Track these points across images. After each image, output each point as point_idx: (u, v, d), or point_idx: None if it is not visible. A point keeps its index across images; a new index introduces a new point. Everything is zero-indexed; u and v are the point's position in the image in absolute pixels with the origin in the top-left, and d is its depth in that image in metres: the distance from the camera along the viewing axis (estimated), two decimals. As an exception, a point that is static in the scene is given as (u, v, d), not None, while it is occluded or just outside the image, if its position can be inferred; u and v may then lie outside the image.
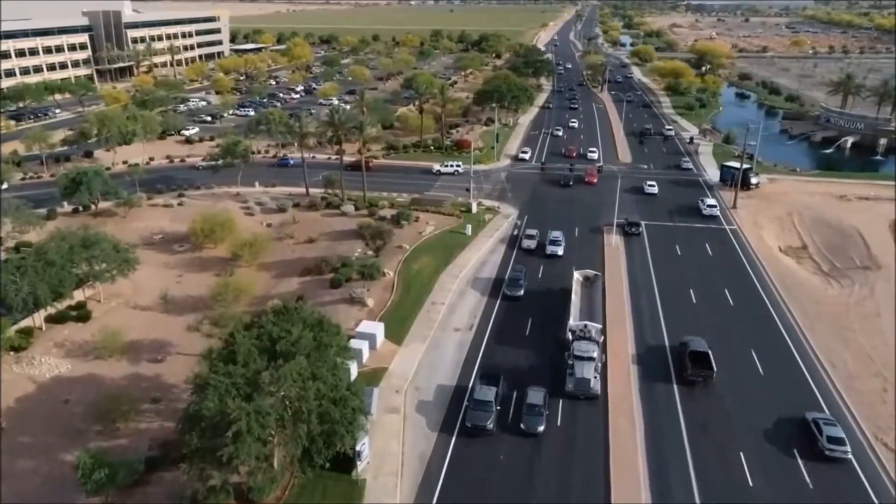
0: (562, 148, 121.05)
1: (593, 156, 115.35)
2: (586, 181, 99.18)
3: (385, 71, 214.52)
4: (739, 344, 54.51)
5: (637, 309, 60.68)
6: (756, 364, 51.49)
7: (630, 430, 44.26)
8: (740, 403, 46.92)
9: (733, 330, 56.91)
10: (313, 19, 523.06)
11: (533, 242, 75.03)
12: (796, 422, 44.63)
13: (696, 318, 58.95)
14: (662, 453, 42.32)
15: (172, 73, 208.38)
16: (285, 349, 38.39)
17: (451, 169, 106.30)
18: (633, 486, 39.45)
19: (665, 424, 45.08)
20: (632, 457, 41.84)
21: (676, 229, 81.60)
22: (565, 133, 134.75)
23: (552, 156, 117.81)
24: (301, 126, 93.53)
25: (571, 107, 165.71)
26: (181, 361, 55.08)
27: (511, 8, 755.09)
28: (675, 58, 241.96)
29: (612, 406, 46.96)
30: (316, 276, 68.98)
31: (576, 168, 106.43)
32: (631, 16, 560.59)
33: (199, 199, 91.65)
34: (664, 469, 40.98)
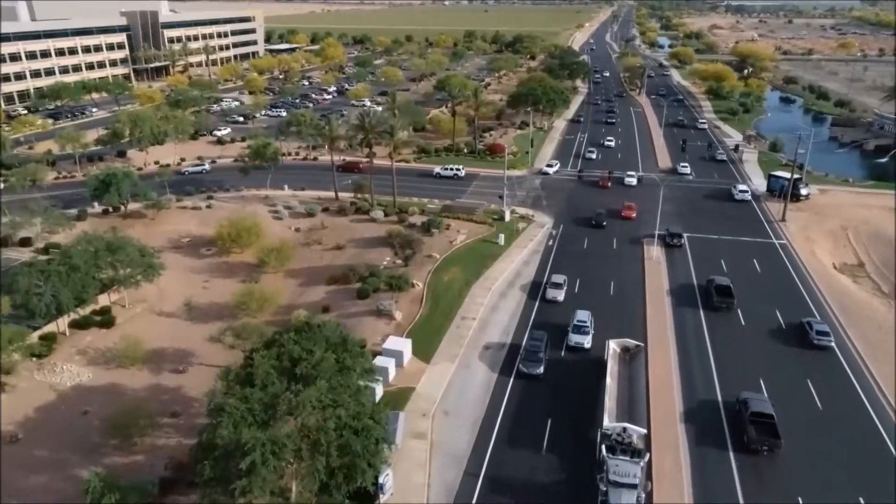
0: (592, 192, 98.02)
1: (631, 180, 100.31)
2: (623, 216, 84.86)
3: (418, 72, 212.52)
4: (794, 376, 50.45)
5: (681, 335, 56.80)
6: (815, 399, 47.40)
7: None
8: (805, 459, 42.88)
9: (787, 359, 52.78)
10: (347, 19, 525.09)
11: (560, 293, 62.21)
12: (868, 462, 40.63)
13: (745, 344, 54.96)
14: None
15: (207, 72, 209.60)
16: (306, 372, 36.03)
17: (450, 172, 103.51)
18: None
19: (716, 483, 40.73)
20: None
21: (721, 242, 77.32)
22: (599, 155, 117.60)
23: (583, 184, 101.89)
24: (331, 129, 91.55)
25: (608, 121, 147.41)
26: (203, 373, 53.40)
27: (546, 8, 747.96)
28: (716, 60, 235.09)
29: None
30: (343, 285, 66.86)
31: (608, 194, 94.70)
32: (669, 17, 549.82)
33: (227, 202, 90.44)
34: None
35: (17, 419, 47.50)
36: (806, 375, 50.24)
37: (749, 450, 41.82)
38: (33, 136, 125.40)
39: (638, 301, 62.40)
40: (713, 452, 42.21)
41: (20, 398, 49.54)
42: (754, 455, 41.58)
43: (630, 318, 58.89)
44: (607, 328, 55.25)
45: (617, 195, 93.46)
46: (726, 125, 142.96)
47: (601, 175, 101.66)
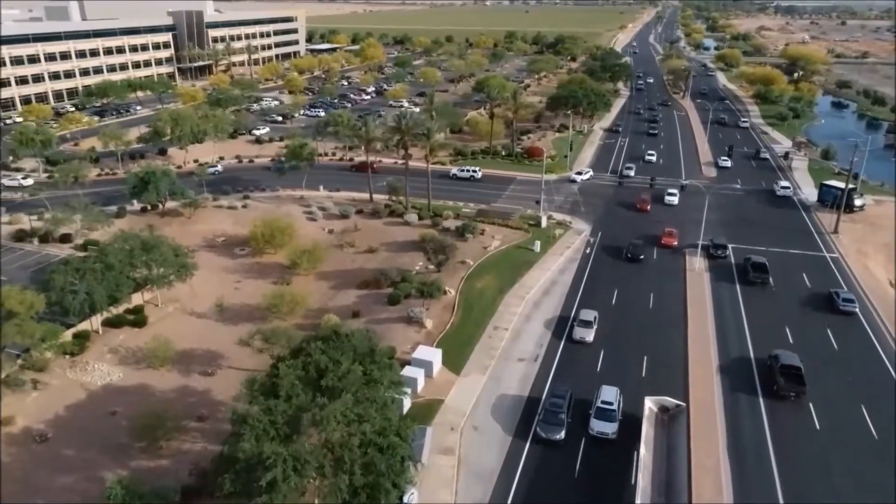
0: (632, 199, 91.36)
1: (672, 199, 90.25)
2: (663, 243, 75.14)
3: (456, 73, 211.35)
4: (848, 401, 47.39)
5: (724, 353, 54.08)
6: (870, 430, 44.33)
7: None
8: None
9: (839, 383, 49.65)
10: (388, 20, 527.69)
11: (589, 334, 54.66)
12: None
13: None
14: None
15: (249, 72, 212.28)
16: (332, 384, 34.95)
17: (466, 174, 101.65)
18: None
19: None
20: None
21: (768, 255, 73.70)
22: (639, 172, 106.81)
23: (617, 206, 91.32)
24: (367, 131, 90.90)
25: (650, 132, 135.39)
26: (231, 376, 53.00)
27: (588, 9, 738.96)
28: (764, 63, 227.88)
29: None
30: (374, 289, 65.86)
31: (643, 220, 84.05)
32: (715, 18, 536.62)
33: (263, 202, 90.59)
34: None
35: (48, 417, 47.72)
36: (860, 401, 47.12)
37: (778, 396, 47.75)
38: (79, 132, 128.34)
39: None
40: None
41: (52, 396, 49.85)
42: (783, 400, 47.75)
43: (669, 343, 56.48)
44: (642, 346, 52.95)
45: (656, 216, 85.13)
46: (775, 131, 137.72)
47: (638, 197, 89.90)
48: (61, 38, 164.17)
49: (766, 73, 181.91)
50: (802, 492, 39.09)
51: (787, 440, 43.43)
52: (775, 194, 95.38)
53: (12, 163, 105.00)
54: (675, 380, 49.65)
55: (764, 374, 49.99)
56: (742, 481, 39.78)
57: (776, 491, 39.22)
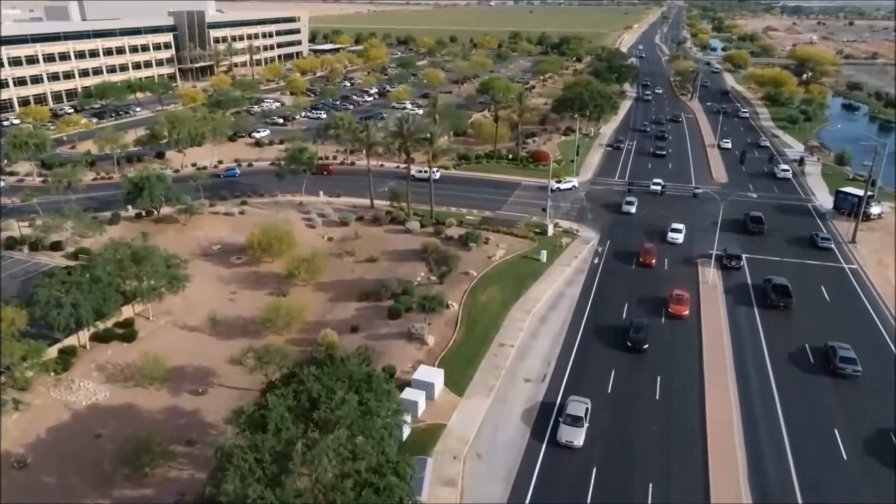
0: (634, 242, 75.93)
1: (677, 237, 76.76)
2: (671, 311, 59.14)
3: (460, 74, 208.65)
4: (876, 427, 44.65)
5: (742, 373, 51.29)
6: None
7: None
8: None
9: (866, 407, 46.95)
10: (392, 20, 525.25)
11: (578, 436, 42.61)
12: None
13: (817, 387, 49.25)
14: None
15: (250, 72, 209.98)
16: (325, 416, 32.39)
17: (425, 174, 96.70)
18: None
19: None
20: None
21: (784, 265, 71.05)
22: (641, 207, 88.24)
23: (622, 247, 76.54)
24: (368, 135, 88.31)
25: (657, 152, 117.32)
26: (223, 395, 50.66)
27: (593, 9, 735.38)
28: (772, 64, 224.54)
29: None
30: (374, 301, 63.32)
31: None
32: (721, 18, 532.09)
33: (261, 208, 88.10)
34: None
35: (29, 441, 45.30)
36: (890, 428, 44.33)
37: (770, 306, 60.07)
38: (76, 135, 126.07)
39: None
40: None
41: (34, 417, 47.40)
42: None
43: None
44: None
45: (661, 272, 69.17)
46: (786, 134, 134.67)
47: (642, 247, 73.00)
48: (60, 38, 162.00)
49: (776, 75, 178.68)
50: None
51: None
52: (776, 177, 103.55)
53: (6, 167, 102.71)
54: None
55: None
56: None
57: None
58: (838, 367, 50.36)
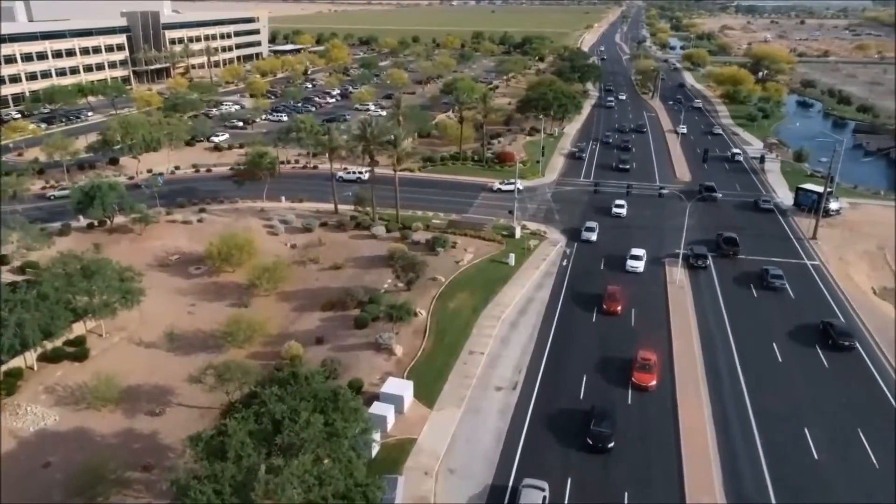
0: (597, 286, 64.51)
1: (637, 265, 68.92)
2: (634, 382, 48.70)
3: (424, 74, 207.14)
4: (844, 425, 44.81)
5: (714, 373, 51.11)
6: (868, 453, 41.69)
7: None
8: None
9: (834, 404, 47.13)
10: (354, 20, 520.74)
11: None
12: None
13: (786, 386, 49.30)
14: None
15: (209, 74, 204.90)
16: (289, 441, 30.69)
17: (353, 176, 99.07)
18: None
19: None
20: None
21: (749, 263, 71.52)
22: (603, 237, 77.96)
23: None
24: (331, 138, 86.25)
25: (621, 166, 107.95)
26: (181, 415, 48.34)
27: (554, 9, 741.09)
28: (730, 62, 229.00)
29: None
30: (339, 311, 61.50)
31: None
32: (679, 17, 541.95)
33: (220, 216, 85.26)
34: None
35: (-29, 472, 42.33)
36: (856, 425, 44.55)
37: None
38: (24, 141, 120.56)
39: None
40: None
41: (-24, 447, 44.40)
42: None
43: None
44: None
45: (623, 283, 64.26)
46: (745, 132, 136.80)
47: (606, 291, 61.68)
48: (5, 40, 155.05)
49: (734, 74, 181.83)
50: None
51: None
52: (732, 160, 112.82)
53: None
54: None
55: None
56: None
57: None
58: (769, 283, 65.03)
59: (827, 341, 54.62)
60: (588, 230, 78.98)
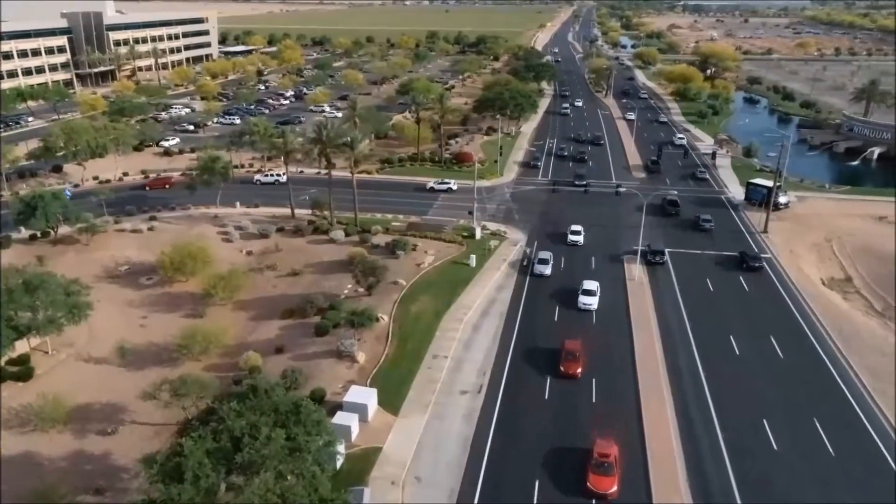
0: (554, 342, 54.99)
1: (590, 302, 60.20)
2: (589, 487, 38.64)
3: (379, 75, 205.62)
4: (800, 414, 45.92)
5: (674, 369, 51.77)
6: (826, 445, 42.83)
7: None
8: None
9: (790, 394, 48.30)
10: (306, 20, 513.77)
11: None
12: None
13: (744, 378, 50.30)
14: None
15: (157, 77, 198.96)
16: (249, 458, 29.59)
17: (271, 178, 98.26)
18: None
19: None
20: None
21: (705, 258, 73.09)
22: (559, 262, 70.47)
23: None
24: (285, 142, 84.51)
25: (576, 182, 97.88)
26: (136, 433, 46.46)
27: (507, 9, 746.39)
28: (679, 60, 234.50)
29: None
30: (299, 319, 60.21)
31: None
32: (629, 16, 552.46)
33: (172, 224, 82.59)
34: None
35: None
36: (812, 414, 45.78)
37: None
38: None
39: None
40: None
41: (-89, 477, 41.70)
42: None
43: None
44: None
45: (575, 324, 57.72)
46: (697, 128, 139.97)
47: (563, 350, 51.03)
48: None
49: (684, 71, 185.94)
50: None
51: None
52: (674, 144, 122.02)
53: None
54: None
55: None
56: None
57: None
58: (701, 225, 79.55)
59: (742, 265, 70.04)
60: (541, 262, 68.27)
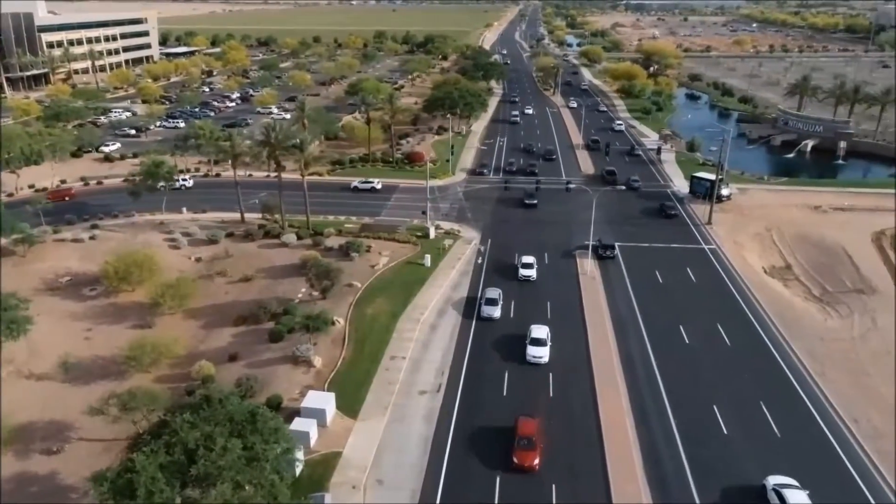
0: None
1: (540, 354, 51.95)
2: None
3: (327, 75, 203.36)
4: (747, 398, 47.64)
5: (628, 360, 52.94)
6: (773, 427, 44.56)
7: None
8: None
9: (737, 379, 50.05)
10: (250, 20, 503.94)
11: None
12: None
13: (694, 367, 51.85)
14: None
15: (94, 79, 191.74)
16: (205, 471, 28.86)
17: (177, 184, 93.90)
18: None
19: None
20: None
21: (653, 250, 75.03)
22: (509, 301, 61.85)
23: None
24: (233, 145, 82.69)
25: (527, 201, 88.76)
26: (83, 451, 44.80)
27: (454, 8, 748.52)
28: (623, 58, 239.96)
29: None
30: (252, 325, 59.06)
31: None
32: (574, 15, 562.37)
33: (115, 232, 79.76)
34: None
35: None
36: (758, 398, 47.56)
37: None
38: None
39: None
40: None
41: None
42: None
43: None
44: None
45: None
46: (642, 125, 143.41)
47: (518, 435, 42.02)
48: None
49: (629, 69, 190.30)
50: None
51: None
52: (614, 129, 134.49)
53: None
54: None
55: None
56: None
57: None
58: (666, 212, 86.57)
59: (661, 213, 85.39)
60: (489, 303, 59.36)
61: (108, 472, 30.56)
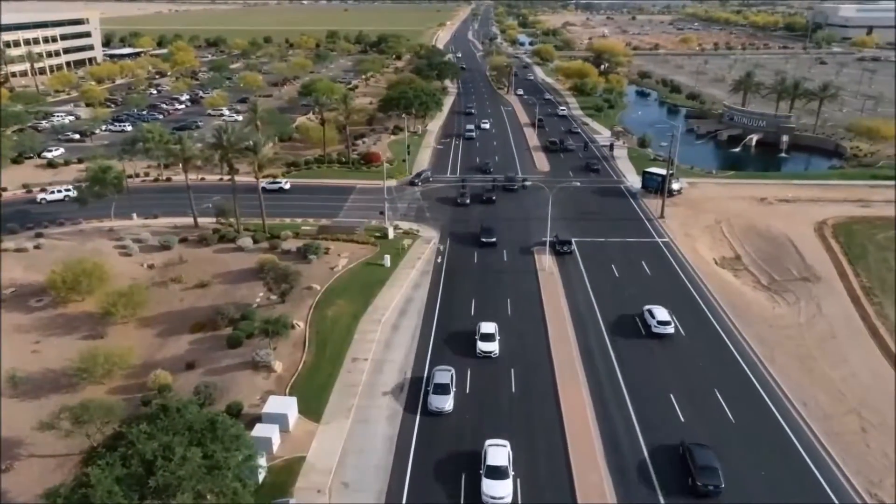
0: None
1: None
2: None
3: (280, 76, 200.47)
4: (702, 386, 49.11)
5: (587, 353, 53.92)
6: (727, 413, 46.05)
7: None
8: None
9: (691, 367, 51.56)
10: (198, 20, 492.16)
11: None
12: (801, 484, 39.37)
13: (651, 356, 53.17)
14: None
15: (34, 82, 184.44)
16: (164, 482, 28.20)
17: (60, 195, 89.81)
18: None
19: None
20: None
21: (608, 245, 76.53)
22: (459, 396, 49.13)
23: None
24: (183, 148, 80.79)
25: (484, 239, 75.67)
26: (34, 468, 43.13)
27: (406, 8, 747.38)
28: (575, 56, 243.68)
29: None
30: (210, 332, 57.89)
31: None
32: (525, 14, 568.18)
33: (62, 240, 76.99)
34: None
35: None
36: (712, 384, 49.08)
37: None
38: None
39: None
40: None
41: None
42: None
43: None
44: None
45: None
46: (594, 122, 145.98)
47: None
48: None
49: (580, 67, 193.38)
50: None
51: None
52: (558, 114, 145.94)
53: None
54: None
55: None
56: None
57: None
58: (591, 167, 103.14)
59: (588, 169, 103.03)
60: (438, 390, 46.85)
61: (61, 487, 29.53)
